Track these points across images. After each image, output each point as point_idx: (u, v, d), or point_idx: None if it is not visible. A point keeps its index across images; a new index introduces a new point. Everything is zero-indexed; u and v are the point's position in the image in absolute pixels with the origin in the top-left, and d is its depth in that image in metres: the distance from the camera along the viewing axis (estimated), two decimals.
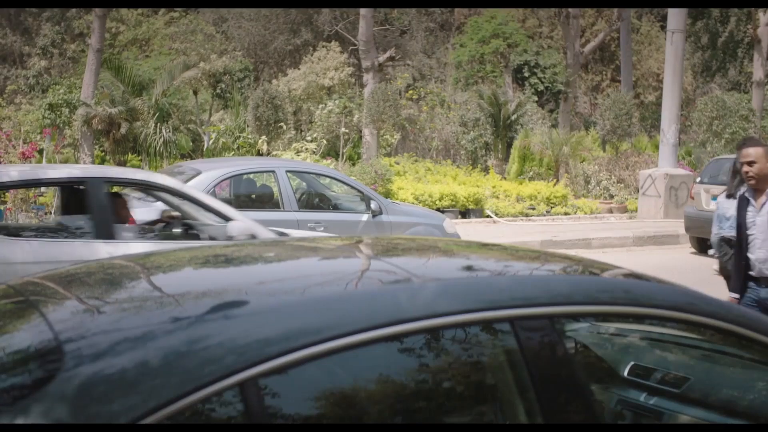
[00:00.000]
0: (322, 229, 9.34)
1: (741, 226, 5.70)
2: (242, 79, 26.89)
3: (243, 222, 6.44)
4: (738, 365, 3.08)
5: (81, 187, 6.39)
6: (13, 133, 16.28)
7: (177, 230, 6.85)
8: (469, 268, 2.74)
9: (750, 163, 5.52)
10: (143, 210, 8.10)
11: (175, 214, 7.33)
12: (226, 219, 6.53)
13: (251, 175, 10.67)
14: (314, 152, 20.06)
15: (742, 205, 5.72)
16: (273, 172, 10.09)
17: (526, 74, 29.60)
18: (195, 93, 24.06)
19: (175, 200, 7.06)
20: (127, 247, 5.94)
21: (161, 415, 1.68)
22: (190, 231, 6.81)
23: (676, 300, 2.50)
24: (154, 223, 7.51)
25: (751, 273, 5.60)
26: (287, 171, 10.04)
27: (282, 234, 6.98)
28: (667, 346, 3.24)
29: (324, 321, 1.96)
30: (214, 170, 9.75)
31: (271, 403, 1.87)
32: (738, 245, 5.74)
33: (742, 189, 5.84)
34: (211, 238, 6.60)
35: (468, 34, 31.48)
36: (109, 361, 1.76)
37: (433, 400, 2.20)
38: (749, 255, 5.61)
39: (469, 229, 14.89)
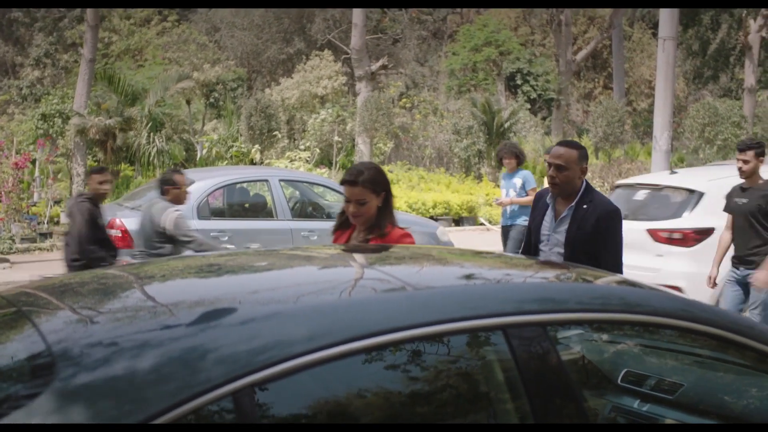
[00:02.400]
0: (316, 238, 9.34)
1: (530, 230, 4.95)
2: (235, 89, 26.88)
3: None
4: (731, 371, 3.08)
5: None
6: (5, 143, 16.25)
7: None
8: (462, 276, 2.74)
9: (558, 167, 4.68)
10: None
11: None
12: None
13: (244, 185, 10.66)
14: (307, 161, 20.07)
15: (540, 208, 4.92)
16: (266, 181, 10.09)
17: (519, 82, 29.68)
18: (188, 102, 24.05)
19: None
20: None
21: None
22: None
23: (670, 307, 2.50)
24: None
25: None
26: (280, 180, 10.04)
27: None
28: (660, 352, 3.24)
29: (317, 329, 1.96)
30: (208, 179, 9.75)
31: (264, 411, 1.87)
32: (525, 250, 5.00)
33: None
34: None
35: (460, 42, 31.54)
36: (101, 372, 1.76)
37: (426, 408, 2.19)
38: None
39: (462, 237, 14.90)
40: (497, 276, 2.78)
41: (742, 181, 6.56)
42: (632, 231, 7.81)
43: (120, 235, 8.86)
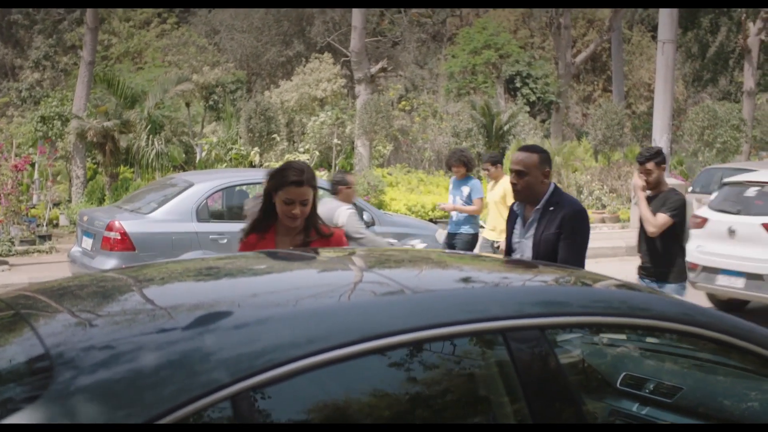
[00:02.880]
0: None
1: (508, 243, 4.92)
2: (234, 91, 26.88)
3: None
4: (730, 375, 3.08)
5: None
6: (5, 145, 16.25)
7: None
8: (461, 279, 2.74)
9: (519, 173, 4.67)
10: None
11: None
12: None
13: (244, 187, 10.66)
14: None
15: (511, 219, 4.94)
16: None
17: (518, 85, 29.66)
18: (187, 105, 24.05)
19: None
20: None
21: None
22: None
23: (670, 311, 2.50)
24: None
25: None
26: None
27: None
28: (659, 356, 3.24)
29: (316, 333, 1.96)
30: (207, 182, 9.75)
31: (263, 416, 1.87)
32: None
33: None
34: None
35: (460, 45, 31.54)
36: (99, 376, 1.76)
37: (425, 411, 2.19)
38: None
39: None
40: (496, 279, 2.78)
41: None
42: (746, 225, 8.76)
43: (119, 237, 8.85)
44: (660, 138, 18.64)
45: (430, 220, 15.90)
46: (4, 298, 2.44)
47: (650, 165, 6.29)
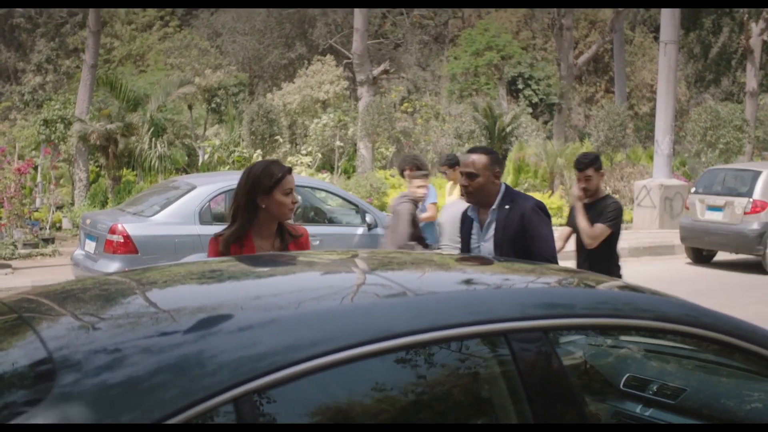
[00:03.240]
0: (318, 243, 9.33)
1: (465, 249, 4.87)
2: (237, 94, 26.91)
3: None
4: (734, 376, 3.08)
5: None
6: (8, 149, 16.27)
7: None
8: (464, 281, 2.74)
9: (469, 175, 4.65)
10: None
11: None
12: None
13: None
14: (309, 166, 20.07)
15: (465, 223, 4.88)
16: None
17: (521, 86, 29.67)
18: (190, 108, 24.07)
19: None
20: None
21: None
22: None
23: (674, 312, 2.50)
24: None
25: None
26: None
27: None
28: (663, 357, 3.24)
29: (319, 335, 1.96)
30: (210, 185, 9.74)
31: (266, 419, 1.87)
32: None
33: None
34: None
35: (462, 46, 31.56)
36: (102, 379, 1.76)
37: (428, 413, 2.19)
38: None
39: None
40: (499, 281, 2.77)
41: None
42: None
43: (122, 240, 8.86)
44: (663, 139, 18.64)
45: None
46: (7, 302, 2.44)
47: (590, 171, 6.06)
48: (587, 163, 6.12)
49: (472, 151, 4.79)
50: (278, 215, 3.89)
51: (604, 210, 6.03)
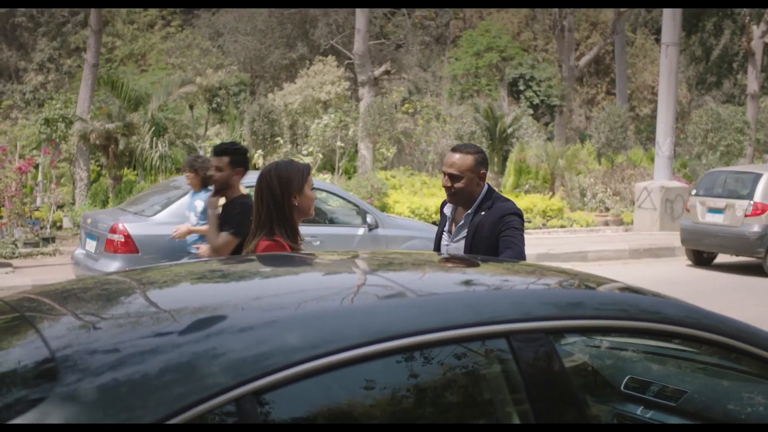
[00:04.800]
0: (318, 243, 9.33)
1: (437, 245, 4.67)
2: (238, 94, 26.90)
3: None
4: (735, 378, 3.07)
5: None
6: (9, 148, 16.27)
7: None
8: (465, 282, 2.74)
9: (452, 177, 4.37)
10: None
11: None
12: None
13: (247, 189, 10.64)
14: (310, 166, 20.03)
15: (441, 221, 4.67)
16: None
17: (522, 87, 29.65)
18: (191, 107, 24.07)
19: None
20: None
21: None
22: None
23: (676, 314, 2.49)
24: None
25: None
26: None
27: None
28: (663, 359, 3.24)
29: (320, 336, 1.96)
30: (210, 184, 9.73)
31: (268, 419, 1.87)
32: None
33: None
34: None
35: (463, 47, 31.54)
36: (103, 379, 1.75)
37: (429, 414, 2.19)
38: None
39: None
40: (500, 282, 2.77)
41: None
42: None
43: (123, 240, 8.85)
44: (663, 141, 18.64)
45: (433, 223, 15.90)
46: (8, 301, 2.44)
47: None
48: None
49: (456, 149, 4.46)
50: (307, 210, 3.93)
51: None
